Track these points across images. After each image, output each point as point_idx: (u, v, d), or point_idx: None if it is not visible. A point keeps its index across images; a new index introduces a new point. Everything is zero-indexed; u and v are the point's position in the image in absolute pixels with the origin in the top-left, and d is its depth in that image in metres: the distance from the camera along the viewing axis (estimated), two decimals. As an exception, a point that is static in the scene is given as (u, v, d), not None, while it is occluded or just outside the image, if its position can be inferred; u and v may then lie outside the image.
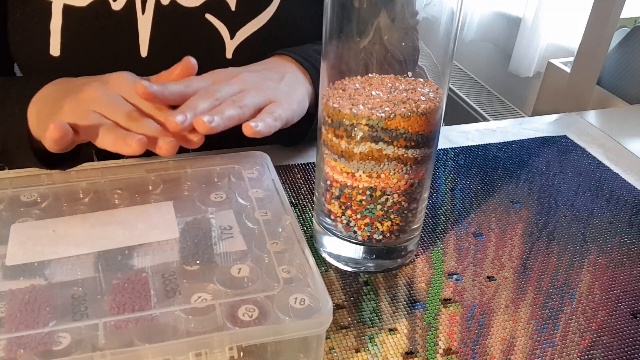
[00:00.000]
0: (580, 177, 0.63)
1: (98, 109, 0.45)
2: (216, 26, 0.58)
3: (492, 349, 0.41)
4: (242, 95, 0.48)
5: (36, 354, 0.32)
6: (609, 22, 0.97)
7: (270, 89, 0.50)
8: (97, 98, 0.45)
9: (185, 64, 0.48)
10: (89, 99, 0.45)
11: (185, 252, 0.40)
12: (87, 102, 0.45)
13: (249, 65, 0.55)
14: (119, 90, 0.46)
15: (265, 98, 0.49)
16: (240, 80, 0.50)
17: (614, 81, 1.15)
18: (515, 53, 1.86)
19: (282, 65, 0.56)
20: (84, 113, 0.44)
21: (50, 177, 0.46)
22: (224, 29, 0.58)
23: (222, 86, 0.48)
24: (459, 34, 0.57)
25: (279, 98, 0.50)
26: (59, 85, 0.50)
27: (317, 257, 0.49)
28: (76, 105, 0.45)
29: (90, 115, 0.44)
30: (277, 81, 0.52)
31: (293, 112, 0.50)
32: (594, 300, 0.46)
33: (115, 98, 0.45)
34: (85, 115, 0.44)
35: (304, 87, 0.55)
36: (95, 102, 0.45)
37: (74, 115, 0.44)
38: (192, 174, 0.48)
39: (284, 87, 0.52)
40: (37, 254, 0.39)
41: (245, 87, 0.49)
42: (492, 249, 0.51)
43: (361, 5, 0.40)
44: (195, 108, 0.44)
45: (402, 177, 0.42)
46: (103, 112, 0.44)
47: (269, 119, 0.46)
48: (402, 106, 0.40)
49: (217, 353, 0.33)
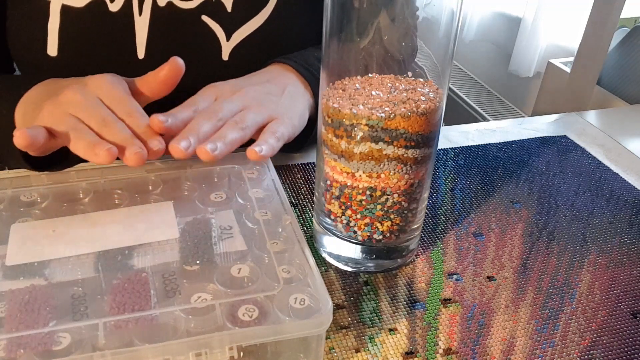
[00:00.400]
0: (580, 177, 0.63)
1: (74, 112, 0.44)
2: (212, 28, 0.58)
3: (492, 349, 0.41)
4: (243, 114, 0.47)
5: (36, 354, 0.32)
6: (609, 22, 0.97)
7: (272, 103, 0.50)
8: (75, 101, 0.44)
9: (172, 65, 0.47)
10: (66, 102, 0.44)
11: (185, 252, 0.40)
12: (65, 104, 0.44)
13: (250, 76, 0.54)
14: (98, 92, 0.45)
15: (267, 115, 0.49)
16: (242, 96, 0.49)
17: (614, 81, 1.15)
18: (515, 53, 1.86)
19: (282, 75, 0.55)
20: (61, 116, 0.44)
21: (50, 177, 0.46)
22: (220, 31, 0.58)
23: (223, 104, 0.47)
24: (459, 34, 0.57)
25: (281, 114, 0.50)
26: (46, 86, 0.50)
27: (317, 257, 0.49)
28: (54, 109, 0.45)
29: (67, 119, 0.43)
30: (278, 95, 0.52)
31: (294, 128, 0.50)
32: (594, 300, 0.46)
33: (92, 101, 0.45)
34: (61, 119, 0.43)
35: (305, 99, 0.55)
36: (73, 104, 0.44)
37: (51, 119, 0.44)
38: (192, 174, 0.48)
39: (285, 101, 0.52)
40: (37, 254, 0.39)
41: (247, 103, 0.49)
42: (492, 249, 0.51)
43: (361, 5, 0.40)
44: (198, 131, 0.44)
45: (402, 177, 0.42)
46: (79, 116, 0.44)
47: (271, 140, 0.46)
48: (402, 106, 0.40)
49: (217, 353, 0.33)
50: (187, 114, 0.46)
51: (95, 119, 0.43)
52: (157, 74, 0.47)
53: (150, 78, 0.48)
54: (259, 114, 0.48)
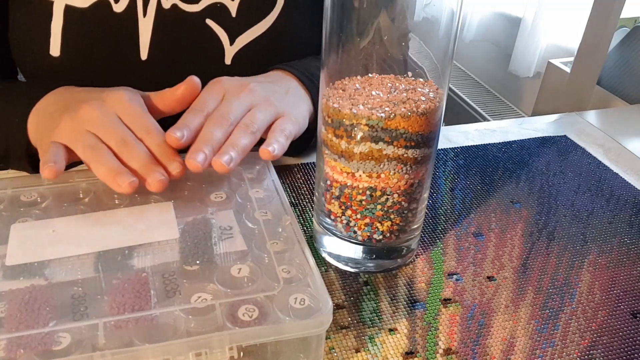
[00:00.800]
0: (580, 177, 0.63)
1: (93, 129, 0.44)
2: (216, 32, 0.58)
3: (492, 349, 0.41)
4: (253, 115, 0.48)
5: (36, 354, 0.32)
6: (609, 22, 0.97)
7: (278, 101, 0.51)
8: (93, 118, 0.45)
9: (190, 85, 0.48)
10: (85, 118, 0.45)
11: (185, 252, 0.40)
12: (83, 121, 0.45)
13: (253, 77, 0.55)
14: (116, 108, 0.46)
15: (274, 113, 0.49)
16: (250, 93, 0.50)
17: (614, 81, 1.15)
18: (515, 53, 1.86)
19: (284, 79, 0.56)
20: (79, 134, 0.44)
21: (50, 177, 0.46)
22: (224, 35, 0.58)
23: (232, 105, 0.48)
24: (459, 34, 0.57)
25: (288, 112, 0.50)
26: (59, 95, 0.50)
27: (317, 257, 0.49)
28: (72, 124, 0.45)
29: (86, 138, 0.44)
30: (283, 94, 0.52)
31: (300, 126, 0.51)
32: (594, 300, 0.46)
33: (111, 118, 0.45)
34: (80, 137, 0.44)
35: (306, 104, 0.55)
36: (91, 122, 0.45)
37: (69, 135, 0.44)
38: (192, 174, 0.48)
39: (290, 99, 0.53)
40: (37, 254, 0.39)
41: (255, 101, 0.49)
42: (492, 249, 0.51)
43: (361, 5, 0.40)
44: (212, 140, 0.45)
45: (402, 177, 0.42)
46: (98, 134, 0.44)
47: (281, 139, 0.47)
48: (402, 106, 0.40)
49: (217, 353, 0.34)
50: (199, 120, 0.46)
51: (114, 139, 0.44)
52: (174, 91, 0.49)
53: (167, 95, 0.49)
54: (267, 113, 0.49)
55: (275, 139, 0.47)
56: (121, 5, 0.54)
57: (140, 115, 0.46)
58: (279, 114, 0.50)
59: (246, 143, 0.46)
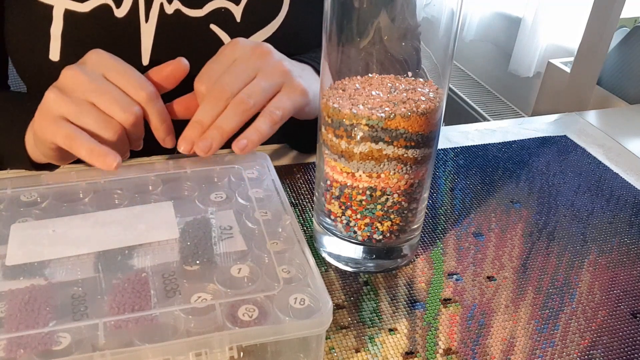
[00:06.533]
0: (580, 177, 0.63)
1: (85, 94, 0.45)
2: (220, 37, 0.57)
3: (492, 349, 0.41)
4: (253, 85, 0.47)
5: (36, 354, 0.32)
6: (609, 22, 0.97)
7: (291, 65, 0.50)
8: (79, 82, 0.45)
9: (177, 64, 0.49)
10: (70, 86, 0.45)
11: (185, 252, 0.40)
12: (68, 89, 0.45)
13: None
14: (100, 68, 0.47)
15: (280, 81, 0.49)
16: (260, 57, 0.49)
17: (614, 81, 1.15)
18: (515, 53, 1.86)
19: (300, 64, 0.55)
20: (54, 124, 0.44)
21: (50, 177, 0.46)
22: (228, 40, 0.58)
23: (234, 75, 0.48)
24: (459, 34, 0.57)
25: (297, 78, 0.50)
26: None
27: (317, 257, 0.49)
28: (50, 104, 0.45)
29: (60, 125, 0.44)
30: (299, 68, 0.52)
31: (307, 98, 0.50)
32: (594, 300, 0.46)
33: (96, 78, 0.46)
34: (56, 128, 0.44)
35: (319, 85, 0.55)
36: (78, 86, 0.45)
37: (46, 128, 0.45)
38: (192, 174, 0.48)
39: (305, 73, 0.52)
40: (37, 254, 0.39)
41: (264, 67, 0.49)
42: (492, 249, 0.51)
43: (361, 5, 0.40)
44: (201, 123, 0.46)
45: (402, 177, 0.42)
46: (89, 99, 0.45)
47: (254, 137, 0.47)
48: (402, 106, 0.40)
49: (217, 353, 0.34)
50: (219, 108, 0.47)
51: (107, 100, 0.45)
52: (161, 69, 0.49)
53: (153, 73, 0.49)
54: (271, 81, 0.48)
55: (253, 130, 0.46)
56: (123, 10, 0.54)
57: (127, 71, 0.47)
58: (285, 82, 0.49)
59: (233, 126, 0.46)
